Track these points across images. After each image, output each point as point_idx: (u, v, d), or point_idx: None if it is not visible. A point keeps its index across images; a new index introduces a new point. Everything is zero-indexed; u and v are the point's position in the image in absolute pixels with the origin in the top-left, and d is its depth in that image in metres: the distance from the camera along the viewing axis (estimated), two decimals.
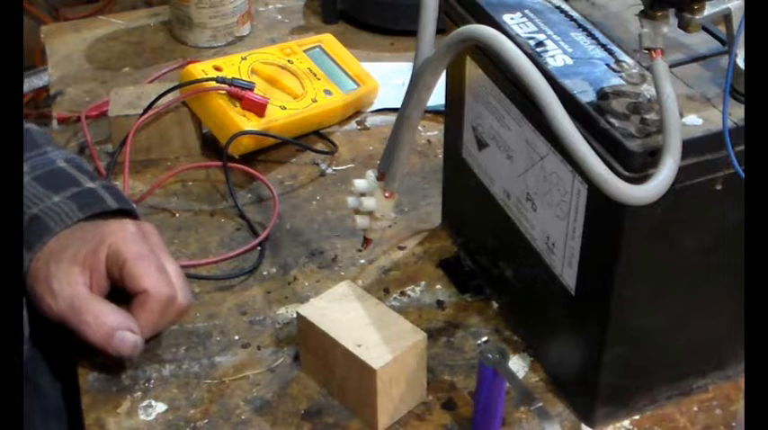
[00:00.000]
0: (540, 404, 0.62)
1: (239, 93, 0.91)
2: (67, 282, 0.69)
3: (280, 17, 1.20)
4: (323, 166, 0.95)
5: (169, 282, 0.71)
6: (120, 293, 0.71)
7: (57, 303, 0.69)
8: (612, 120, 0.59)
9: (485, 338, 0.77)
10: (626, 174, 0.57)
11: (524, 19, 0.69)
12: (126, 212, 0.75)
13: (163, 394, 0.72)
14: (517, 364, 0.74)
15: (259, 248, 0.85)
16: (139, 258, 0.70)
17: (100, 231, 0.71)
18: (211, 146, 0.96)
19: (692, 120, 0.59)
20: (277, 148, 0.96)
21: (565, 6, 0.70)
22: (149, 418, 0.70)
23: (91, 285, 0.70)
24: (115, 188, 0.78)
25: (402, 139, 0.66)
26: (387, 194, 0.69)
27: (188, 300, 0.73)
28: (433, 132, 0.99)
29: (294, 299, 0.80)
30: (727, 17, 0.60)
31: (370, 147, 0.97)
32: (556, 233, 0.67)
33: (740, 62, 0.59)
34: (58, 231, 0.71)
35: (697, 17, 0.59)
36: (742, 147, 0.56)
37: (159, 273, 0.71)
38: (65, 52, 1.13)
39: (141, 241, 0.72)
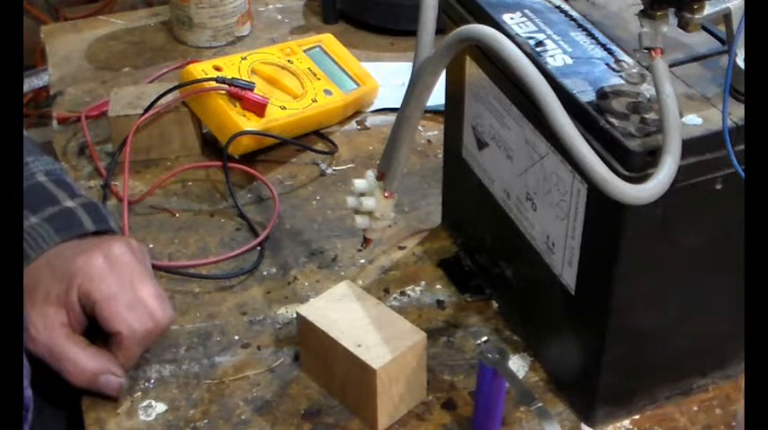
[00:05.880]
0: (540, 404, 0.62)
1: (239, 93, 0.91)
2: (43, 326, 0.69)
3: (280, 17, 1.20)
4: (323, 166, 0.95)
5: (143, 316, 0.70)
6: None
7: (36, 348, 0.69)
8: (612, 120, 0.59)
9: (485, 338, 0.77)
10: (626, 173, 0.57)
11: (524, 18, 0.69)
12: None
13: (163, 394, 0.72)
14: (517, 364, 0.74)
15: (259, 248, 0.85)
16: (108, 299, 0.69)
17: (68, 269, 0.70)
18: (211, 146, 0.96)
19: (692, 119, 0.59)
20: (277, 148, 0.96)
21: (564, 6, 0.70)
22: (149, 419, 0.70)
23: (69, 322, 0.70)
24: (94, 205, 0.76)
25: (402, 139, 0.66)
26: (386, 194, 0.69)
27: (169, 318, 0.72)
28: (433, 132, 0.99)
29: (294, 299, 0.80)
30: (726, 17, 0.60)
31: (370, 147, 0.97)
32: (556, 233, 0.67)
33: (740, 62, 0.59)
34: (34, 257, 0.71)
35: (697, 16, 0.59)
36: (742, 147, 0.57)
37: (130, 310, 0.70)
38: (65, 52, 1.13)
39: (109, 275, 0.70)
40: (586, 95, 0.61)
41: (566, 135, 0.55)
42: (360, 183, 0.70)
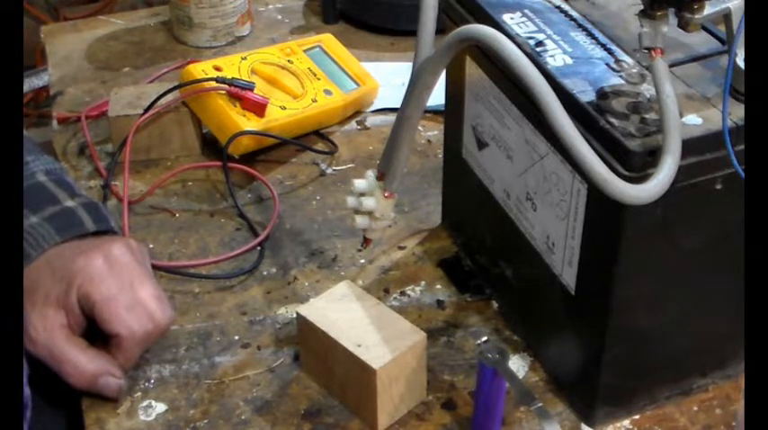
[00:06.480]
0: (540, 404, 0.62)
1: (239, 93, 0.91)
2: (43, 327, 0.69)
3: (280, 17, 1.20)
4: (323, 166, 0.95)
5: (142, 317, 0.70)
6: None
7: (36, 349, 0.69)
8: (612, 120, 0.59)
9: (485, 338, 0.77)
10: (626, 173, 0.57)
11: (524, 18, 0.69)
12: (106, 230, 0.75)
13: (163, 394, 0.72)
14: (517, 364, 0.74)
15: (259, 248, 0.85)
16: (107, 300, 0.69)
17: (68, 270, 0.70)
18: (211, 146, 0.96)
19: (692, 119, 0.59)
20: (277, 148, 0.96)
21: (564, 6, 0.70)
22: (149, 419, 0.70)
23: (68, 323, 0.69)
24: (95, 205, 0.76)
25: (402, 139, 0.66)
26: (386, 194, 0.69)
27: (169, 319, 0.72)
28: (433, 132, 0.99)
29: (294, 299, 0.80)
30: (726, 17, 0.60)
31: (370, 147, 0.97)
32: (556, 233, 0.67)
33: (740, 62, 0.59)
34: (35, 256, 0.71)
35: (697, 16, 0.59)
36: (742, 147, 0.57)
37: (129, 311, 0.70)
38: (65, 52, 1.13)
39: (109, 277, 0.70)
40: (586, 95, 0.61)
41: (566, 135, 0.55)
42: (360, 183, 0.70)
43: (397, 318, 0.70)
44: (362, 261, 0.84)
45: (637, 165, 0.57)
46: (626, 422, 0.70)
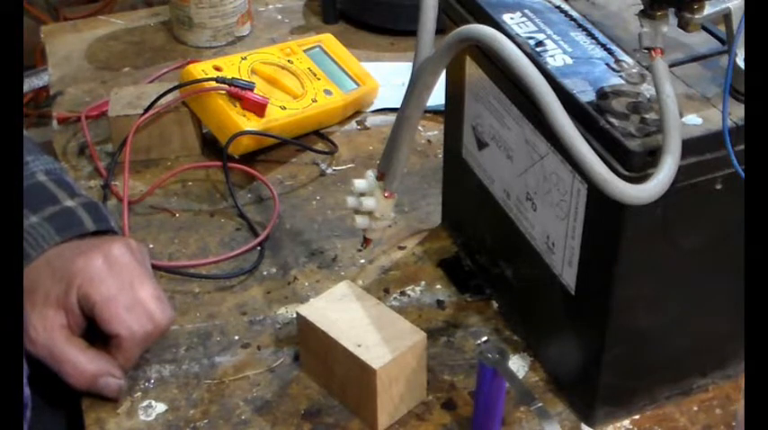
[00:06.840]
0: (540, 404, 0.62)
1: (239, 93, 0.91)
2: (43, 328, 0.69)
3: (280, 17, 1.20)
4: (323, 166, 0.95)
5: (142, 317, 0.70)
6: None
7: (36, 349, 0.69)
8: (612, 120, 0.59)
9: (485, 338, 0.77)
10: (626, 173, 0.57)
11: (524, 18, 0.69)
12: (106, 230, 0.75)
13: (163, 394, 0.72)
14: (517, 364, 0.74)
15: (259, 248, 0.85)
16: (107, 300, 0.69)
17: (68, 270, 0.70)
18: (211, 146, 0.96)
19: (692, 119, 0.59)
20: (277, 148, 0.96)
21: (564, 6, 0.70)
22: (149, 419, 0.70)
23: (68, 324, 0.70)
24: (95, 205, 0.76)
25: (402, 139, 0.66)
26: (386, 194, 0.69)
27: (168, 319, 0.72)
28: (433, 132, 0.99)
29: (294, 299, 0.80)
30: (726, 17, 0.60)
31: (370, 147, 0.97)
32: (556, 233, 0.67)
33: (740, 62, 0.59)
34: (35, 256, 0.71)
35: (697, 16, 0.59)
36: (742, 147, 0.57)
37: (129, 312, 0.70)
38: (65, 52, 1.13)
39: (109, 277, 0.70)
40: (586, 95, 0.61)
41: (566, 135, 0.55)
42: (360, 183, 0.70)
43: (397, 318, 0.70)
44: (362, 261, 0.84)
45: (637, 165, 0.57)
46: (626, 422, 0.70)
